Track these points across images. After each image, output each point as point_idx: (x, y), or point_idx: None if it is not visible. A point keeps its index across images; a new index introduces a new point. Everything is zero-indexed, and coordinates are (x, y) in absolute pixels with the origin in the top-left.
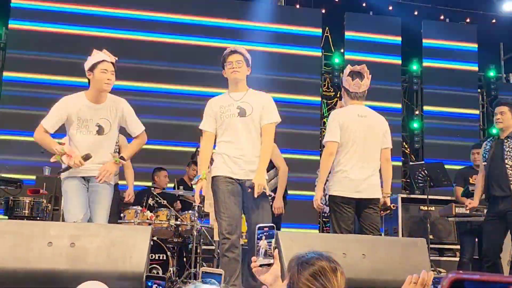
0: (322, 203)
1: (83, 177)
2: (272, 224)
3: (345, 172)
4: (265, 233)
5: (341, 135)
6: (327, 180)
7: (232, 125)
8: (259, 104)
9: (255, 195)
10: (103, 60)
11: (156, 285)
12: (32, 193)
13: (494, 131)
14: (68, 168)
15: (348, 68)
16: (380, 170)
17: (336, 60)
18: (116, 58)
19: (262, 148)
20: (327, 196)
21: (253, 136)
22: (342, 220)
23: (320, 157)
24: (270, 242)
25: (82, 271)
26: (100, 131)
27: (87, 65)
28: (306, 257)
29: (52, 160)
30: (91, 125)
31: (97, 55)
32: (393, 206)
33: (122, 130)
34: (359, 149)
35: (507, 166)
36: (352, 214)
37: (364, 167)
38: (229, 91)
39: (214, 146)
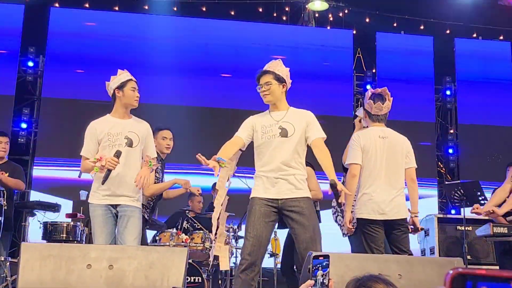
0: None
1: (110, 204)
2: (327, 253)
3: (368, 194)
4: (321, 263)
5: (363, 157)
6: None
7: (273, 145)
8: (303, 122)
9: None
10: (130, 79)
11: None
12: (70, 217)
13: None
14: (108, 172)
15: (370, 91)
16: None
17: (368, 80)
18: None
19: (324, 158)
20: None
21: (294, 157)
22: (372, 241)
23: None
24: (326, 272)
25: None
26: (129, 143)
27: (114, 83)
28: (362, 280)
29: (91, 174)
30: (120, 138)
31: (123, 74)
32: (421, 229)
33: None
34: (382, 171)
35: None
36: (381, 234)
37: (388, 188)
38: (269, 110)
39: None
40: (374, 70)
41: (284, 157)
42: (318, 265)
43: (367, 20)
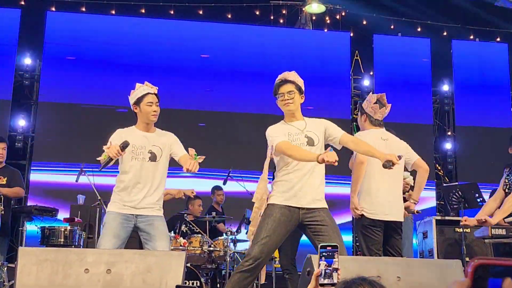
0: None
1: (131, 214)
2: (335, 244)
3: (372, 194)
4: (325, 253)
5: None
6: None
7: None
8: (322, 129)
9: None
10: (147, 93)
11: None
12: (67, 221)
13: None
14: (109, 159)
15: (374, 96)
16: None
17: (366, 83)
18: (157, 88)
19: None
20: None
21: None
22: (372, 244)
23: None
24: (330, 262)
25: None
26: (152, 157)
27: (132, 99)
28: (348, 283)
29: (100, 159)
30: (144, 152)
31: (140, 89)
32: (417, 212)
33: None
34: (384, 172)
35: None
36: (381, 237)
37: (390, 189)
38: (285, 121)
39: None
40: (371, 73)
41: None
42: (323, 254)
43: (364, 22)
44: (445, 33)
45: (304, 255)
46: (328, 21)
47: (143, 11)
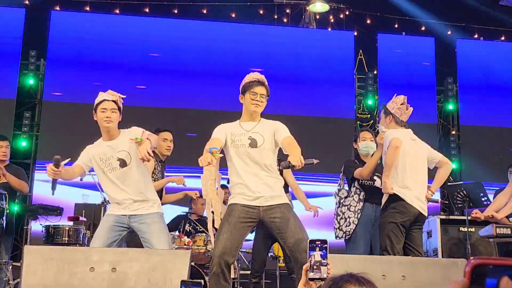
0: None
1: (124, 215)
2: (325, 239)
3: (403, 194)
4: (313, 247)
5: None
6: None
7: (243, 155)
8: (271, 131)
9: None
10: (103, 100)
11: None
12: (72, 220)
13: None
14: (53, 180)
15: (401, 98)
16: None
17: (370, 82)
18: (123, 96)
19: (294, 145)
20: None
21: (262, 167)
22: (398, 243)
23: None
24: (318, 255)
25: None
26: (122, 164)
27: (94, 108)
28: (335, 281)
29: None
30: (113, 162)
31: (99, 96)
32: (439, 201)
33: None
34: (414, 171)
35: None
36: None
37: (417, 188)
38: (240, 120)
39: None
40: (375, 72)
41: None
42: (311, 248)
43: (368, 21)
44: (449, 32)
45: None
46: (332, 20)
47: (147, 10)
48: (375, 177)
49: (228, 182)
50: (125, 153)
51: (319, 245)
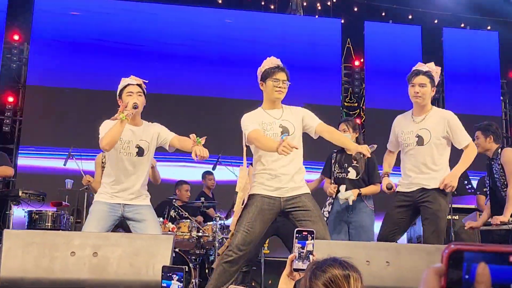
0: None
1: (118, 204)
2: (311, 230)
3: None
4: (300, 236)
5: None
6: None
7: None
8: (299, 118)
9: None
10: (128, 85)
11: (175, 275)
12: (55, 205)
13: None
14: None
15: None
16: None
17: (356, 69)
18: (144, 81)
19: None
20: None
21: (297, 154)
22: None
23: None
24: (304, 244)
25: (105, 281)
26: (140, 152)
27: (117, 94)
28: (319, 264)
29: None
30: (131, 147)
31: (122, 82)
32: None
33: None
34: None
35: (498, 186)
36: None
37: None
38: (263, 108)
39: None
40: (362, 60)
41: None
42: (297, 238)
43: (356, 9)
44: (436, 21)
45: None
46: (319, 8)
47: None
48: (349, 169)
49: (213, 169)
50: (146, 144)
51: (307, 235)
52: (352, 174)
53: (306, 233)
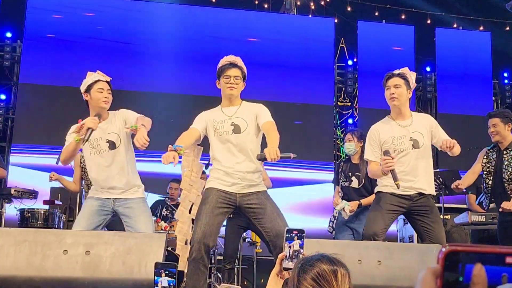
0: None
1: (109, 198)
2: (302, 229)
3: None
4: (290, 236)
5: None
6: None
7: (228, 142)
8: (253, 115)
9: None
10: (98, 80)
11: (167, 271)
12: (47, 203)
13: None
14: (91, 131)
15: None
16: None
17: (350, 68)
18: (110, 78)
19: (273, 134)
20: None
21: (248, 152)
22: None
23: None
24: (291, 245)
25: (97, 279)
26: (111, 146)
27: (82, 87)
28: (307, 260)
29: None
30: (102, 144)
31: (91, 76)
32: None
33: None
34: None
35: (504, 180)
36: None
37: None
38: (221, 105)
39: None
40: (355, 59)
41: None
42: (287, 237)
43: (349, 8)
44: (429, 21)
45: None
46: (313, 7)
47: None
48: (352, 178)
49: (206, 167)
50: (115, 136)
51: (297, 235)
52: (355, 183)
53: (296, 231)
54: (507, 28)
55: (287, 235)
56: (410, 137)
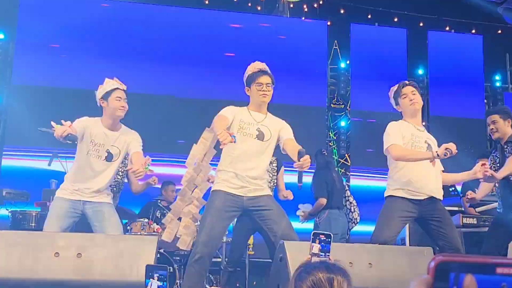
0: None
1: (79, 200)
2: (328, 233)
3: None
4: (318, 239)
5: None
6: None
7: (248, 145)
8: (278, 127)
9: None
10: (116, 88)
11: (157, 274)
12: (39, 205)
13: None
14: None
15: None
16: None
17: (343, 71)
18: (126, 87)
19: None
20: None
21: (263, 159)
22: None
23: None
24: (327, 248)
25: (89, 282)
26: (108, 157)
27: (99, 93)
28: (306, 266)
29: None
30: (101, 150)
31: (110, 83)
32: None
33: None
34: None
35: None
36: None
37: None
38: (249, 108)
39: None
40: (348, 62)
41: None
42: (316, 240)
43: (342, 11)
44: (421, 24)
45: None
46: (306, 10)
47: None
48: None
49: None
50: (116, 150)
51: (324, 239)
52: None
53: (323, 236)
54: (499, 32)
55: (312, 237)
56: (425, 140)
